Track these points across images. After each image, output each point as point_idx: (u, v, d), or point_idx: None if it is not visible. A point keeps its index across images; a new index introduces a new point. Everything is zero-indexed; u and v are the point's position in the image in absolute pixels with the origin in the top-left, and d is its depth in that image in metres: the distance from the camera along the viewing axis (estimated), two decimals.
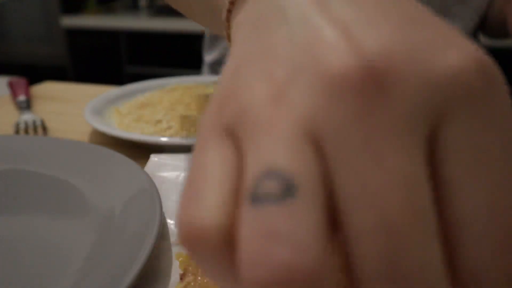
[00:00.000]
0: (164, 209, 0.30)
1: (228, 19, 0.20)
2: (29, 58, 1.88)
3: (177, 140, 0.40)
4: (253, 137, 0.12)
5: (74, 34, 2.05)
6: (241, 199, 0.12)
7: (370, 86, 0.11)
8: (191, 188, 0.13)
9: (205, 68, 0.80)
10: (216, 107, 0.14)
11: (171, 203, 0.31)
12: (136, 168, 0.32)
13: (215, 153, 0.13)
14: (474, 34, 0.66)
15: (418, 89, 0.11)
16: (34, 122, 0.49)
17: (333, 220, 0.12)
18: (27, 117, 0.51)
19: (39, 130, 0.49)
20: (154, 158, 0.37)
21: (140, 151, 0.42)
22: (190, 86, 0.59)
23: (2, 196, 0.31)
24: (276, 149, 0.12)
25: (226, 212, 0.12)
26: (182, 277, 0.24)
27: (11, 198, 0.31)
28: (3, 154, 0.35)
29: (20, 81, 0.63)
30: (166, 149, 0.41)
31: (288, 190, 0.11)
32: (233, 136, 0.13)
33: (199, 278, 0.24)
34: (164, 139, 0.40)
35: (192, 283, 0.23)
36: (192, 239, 0.12)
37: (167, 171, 0.35)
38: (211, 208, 0.12)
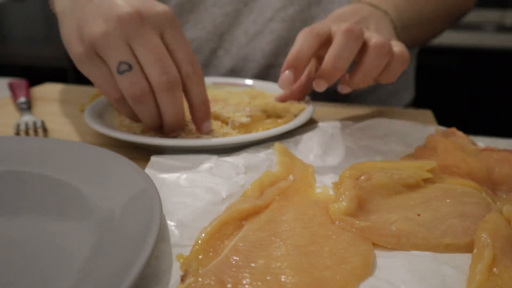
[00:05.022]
0: (164, 210, 0.30)
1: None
2: (30, 60, 1.88)
3: (177, 142, 0.40)
4: (105, 51, 0.36)
5: None
6: (113, 72, 0.36)
7: (137, 18, 0.36)
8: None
9: None
10: (76, 39, 0.37)
11: (171, 204, 0.31)
12: (136, 169, 0.32)
13: (95, 62, 0.37)
14: None
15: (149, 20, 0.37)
16: (34, 124, 0.49)
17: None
18: (28, 118, 0.51)
19: (40, 131, 0.49)
20: (155, 159, 0.37)
21: (141, 152, 0.42)
22: None
23: (3, 197, 0.31)
24: (117, 53, 0.36)
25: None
26: (183, 279, 0.24)
27: (12, 199, 0.31)
28: (3, 156, 0.35)
29: (20, 82, 0.63)
30: (167, 151, 0.41)
31: (129, 67, 0.36)
32: (95, 51, 0.37)
33: (200, 279, 0.24)
34: (164, 141, 0.40)
35: (193, 285, 0.23)
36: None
37: (167, 172, 0.35)
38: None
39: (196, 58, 0.39)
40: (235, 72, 0.71)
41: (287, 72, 0.43)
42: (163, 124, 0.40)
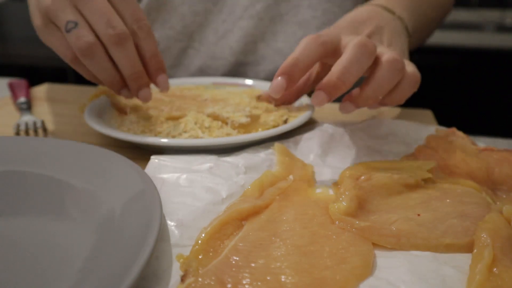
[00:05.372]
0: (164, 211, 0.30)
1: None
2: (29, 60, 1.88)
3: (178, 142, 0.40)
4: (55, 16, 0.39)
5: None
6: (63, 32, 0.39)
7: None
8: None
9: None
10: (35, 14, 0.41)
11: (171, 204, 0.31)
12: (136, 169, 0.32)
13: (50, 29, 0.40)
14: None
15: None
16: (34, 124, 0.49)
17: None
18: (27, 118, 0.51)
19: (39, 131, 0.49)
20: (155, 159, 0.37)
21: (141, 152, 0.42)
22: (190, 87, 0.59)
23: (3, 197, 0.31)
24: (64, 15, 0.38)
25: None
26: (183, 279, 0.24)
27: (12, 199, 0.31)
28: (3, 156, 0.35)
29: (20, 82, 0.63)
30: (167, 151, 0.41)
31: (75, 24, 0.38)
32: (49, 19, 0.40)
33: (200, 279, 0.24)
34: (164, 141, 0.40)
35: (193, 285, 0.23)
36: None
37: (167, 172, 0.35)
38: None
39: (143, 15, 0.41)
40: (204, 71, 0.71)
41: (279, 78, 0.39)
42: (126, 81, 0.42)
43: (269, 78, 0.68)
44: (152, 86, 0.56)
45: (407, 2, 0.53)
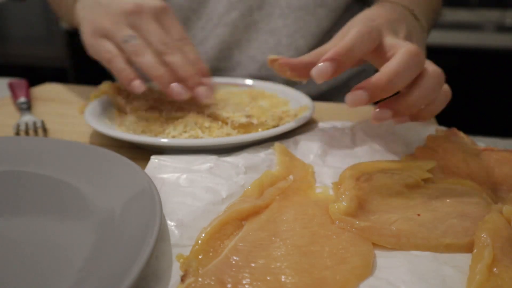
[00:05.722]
0: (164, 211, 0.30)
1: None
2: (29, 60, 1.88)
3: (178, 142, 0.40)
4: (113, 33, 0.46)
5: (75, 35, 2.05)
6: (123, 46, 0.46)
7: (138, 9, 0.46)
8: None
9: None
10: (89, 35, 0.48)
11: (171, 204, 0.31)
12: (136, 169, 0.32)
13: (101, 41, 0.47)
14: None
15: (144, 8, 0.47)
16: (34, 124, 0.49)
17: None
18: (27, 118, 0.51)
19: (39, 131, 0.49)
20: (155, 159, 0.37)
21: (141, 152, 0.42)
22: None
23: (3, 197, 0.31)
24: (124, 31, 0.45)
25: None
26: (183, 279, 0.24)
27: (12, 199, 0.31)
28: (3, 156, 0.35)
29: (20, 82, 0.63)
30: (167, 151, 0.41)
31: (134, 37, 0.45)
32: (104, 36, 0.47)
33: (200, 279, 0.24)
34: (164, 141, 0.40)
35: (193, 285, 0.23)
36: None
37: (167, 172, 0.35)
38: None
39: (185, 34, 0.48)
40: None
41: (327, 63, 0.36)
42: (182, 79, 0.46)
43: None
44: (155, 86, 0.56)
45: (423, 8, 0.53)
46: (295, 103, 0.52)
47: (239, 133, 0.43)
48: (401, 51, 0.36)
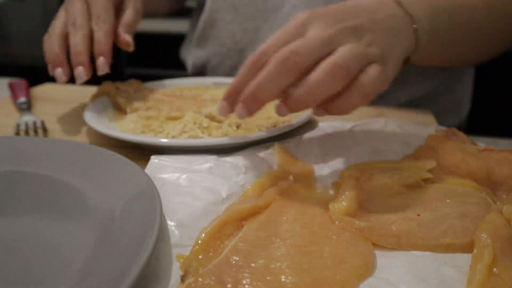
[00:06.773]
0: (164, 211, 0.30)
1: None
2: (30, 60, 1.88)
3: (178, 142, 0.40)
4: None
5: None
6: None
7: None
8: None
9: (189, 68, 0.80)
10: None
11: (171, 204, 0.31)
12: (136, 169, 0.32)
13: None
14: None
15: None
16: (34, 124, 0.49)
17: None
18: (28, 118, 0.51)
19: (40, 131, 0.49)
20: (155, 159, 0.37)
21: (141, 152, 0.42)
22: (190, 87, 0.59)
23: (3, 197, 0.31)
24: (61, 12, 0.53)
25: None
26: (183, 279, 0.24)
27: (12, 199, 0.31)
28: (3, 156, 0.35)
29: (20, 82, 0.63)
30: (167, 151, 0.41)
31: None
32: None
33: (200, 279, 0.24)
34: (164, 141, 0.40)
35: (193, 285, 0.23)
36: None
37: (167, 172, 0.35)
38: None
39: (104, 13, 0.50)
40: None
41: (240, 106, 0.35)
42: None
43: None
44: (155, 86, 0.56)
45: (436, 4, 0.44)
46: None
47: (239, 133, 0.43)
48: (269, 61, 0.36)
